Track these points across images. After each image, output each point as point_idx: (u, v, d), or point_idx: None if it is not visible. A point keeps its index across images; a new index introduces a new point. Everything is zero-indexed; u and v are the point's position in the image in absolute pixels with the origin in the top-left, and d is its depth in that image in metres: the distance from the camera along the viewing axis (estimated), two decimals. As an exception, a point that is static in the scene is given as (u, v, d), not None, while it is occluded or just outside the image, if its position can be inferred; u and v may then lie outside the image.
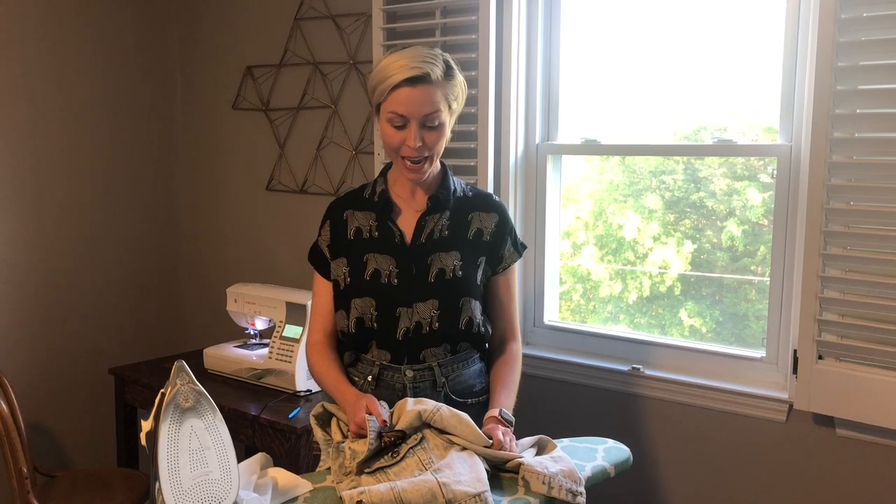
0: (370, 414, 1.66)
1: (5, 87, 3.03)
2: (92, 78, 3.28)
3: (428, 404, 1.69)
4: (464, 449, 1.62)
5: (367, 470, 1.58)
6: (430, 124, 1.76)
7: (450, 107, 1.80)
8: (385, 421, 1.66)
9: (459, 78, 1.82)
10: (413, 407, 1.68)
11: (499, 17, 2.53)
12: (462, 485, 1.49)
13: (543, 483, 1.54)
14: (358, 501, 1.46)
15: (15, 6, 3.03)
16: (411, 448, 1.62)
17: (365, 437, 1.63)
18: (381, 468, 1.59)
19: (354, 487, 1.54)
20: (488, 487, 1.51)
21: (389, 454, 1.62)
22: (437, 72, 1.75)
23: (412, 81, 1.73)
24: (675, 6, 2.43)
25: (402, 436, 1.65)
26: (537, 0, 2.57)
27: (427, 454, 1.60)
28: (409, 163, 1.79)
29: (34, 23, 3.09)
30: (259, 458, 1.62)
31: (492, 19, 2.50)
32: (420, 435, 1.64)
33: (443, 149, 1.83)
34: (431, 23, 2.64)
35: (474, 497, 1.48)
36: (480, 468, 1.56)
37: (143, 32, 3.44)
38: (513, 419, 1.77)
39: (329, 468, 1.68)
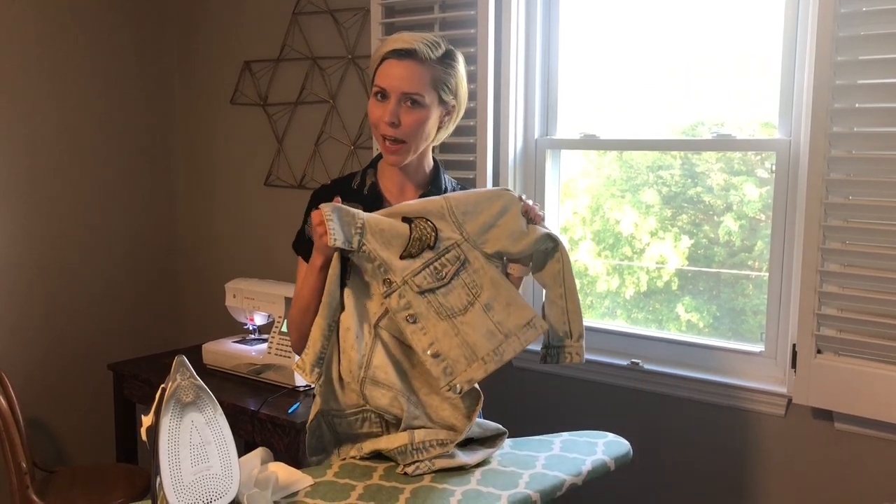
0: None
1: (1, 82, 3.02)
2: (89, 73, 3.27)
3: (435, 200, 1.69)
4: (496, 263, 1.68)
5: (416, 290, 1.62)
6: (409, 103, 1.70)
7: (439, 95, 1.73)
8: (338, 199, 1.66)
9: (459, 71, 1.77)
10: (415, 206, 1.69)
11: (498, 12, 2.53)
12: (512, 317, 1.63)
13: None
14: (433, 354, 1.59)
15: (11, 0, 3.02)
16: (457, 271, 1.65)
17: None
18: (431, 290, 1.63)
19: (407, 308, 1.61)
20: (536, 312, 1.66)
21: (433, 272, 1.64)
22: (428, 52, 1.70)
23: (399, 54, 1.69)
24: (673, 0, 2.43)
25: (433, 225, 1.66)
26: (536, -5, 2.57)
27: (471, 277, 1.65)
28: (386, 142, 1.73)
29: (30, 17, 3.07)
30: (259, 452, 1.61)
31: (491, 14, 2.49)
32: (461, 254, 1.66)
33: (425, 140, 1.76)
34: (430, 17, 2.64)
35: (525, 326, 1.63)
36: (518, 296, 1.67)
37: (142, 27, 3.43)
38: None
39: (331, 461, 1.68)
